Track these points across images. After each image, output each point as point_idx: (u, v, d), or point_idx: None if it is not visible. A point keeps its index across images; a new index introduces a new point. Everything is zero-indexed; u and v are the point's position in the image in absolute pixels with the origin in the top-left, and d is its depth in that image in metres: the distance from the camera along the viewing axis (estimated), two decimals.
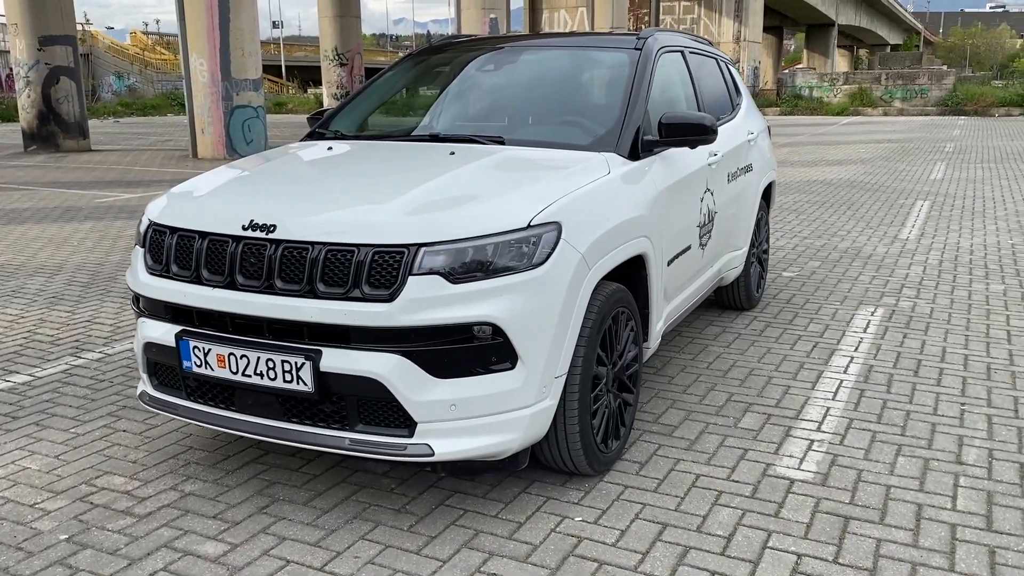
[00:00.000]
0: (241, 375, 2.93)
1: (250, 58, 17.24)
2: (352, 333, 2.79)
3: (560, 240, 2.93)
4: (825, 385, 4.40)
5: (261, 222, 2.92)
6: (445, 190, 3.08)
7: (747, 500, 3.21)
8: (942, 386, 4.37)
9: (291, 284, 2.85)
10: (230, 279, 2.95)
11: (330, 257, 2.82)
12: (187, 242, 3.07)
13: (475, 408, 2.83)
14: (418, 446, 2.83)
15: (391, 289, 2.76)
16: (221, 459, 3.59)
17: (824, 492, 3.26)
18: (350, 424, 2.89)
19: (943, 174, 14.01)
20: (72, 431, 3.90)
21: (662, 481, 3.36)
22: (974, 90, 34.57)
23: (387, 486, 3.34)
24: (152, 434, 3.86)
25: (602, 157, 3.50)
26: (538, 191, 3.08)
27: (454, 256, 2.78)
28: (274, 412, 2.98)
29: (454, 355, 2.79)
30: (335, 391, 2.85)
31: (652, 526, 3.03)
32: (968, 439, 3.73)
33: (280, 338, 2.88)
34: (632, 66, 4.04)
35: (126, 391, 4.39)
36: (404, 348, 2.77)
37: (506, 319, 2.79)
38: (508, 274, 2.82)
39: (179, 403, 3.19)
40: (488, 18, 25.44)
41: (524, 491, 3.28)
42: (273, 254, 2.88)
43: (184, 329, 3.05)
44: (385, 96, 4.52)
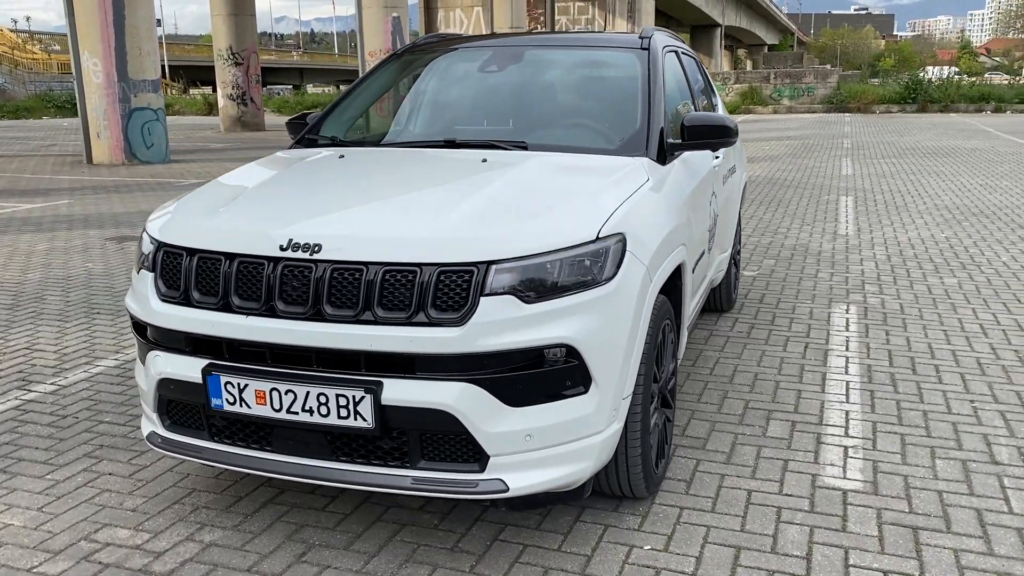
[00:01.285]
0: (286, 412, 2.62)
1: (148, 57, 16.36)
2: (418, 361, 2.53)
3: (626, 252, 2.75)
4: (834, 388, 4.36)
5: (303, 241, 2.62)
6: (499, 202, 2.84)
7: (809, 515, 3.10)
8: (945, 383, 4.40)
9: (343, 309, 2.57)
10: (268, 306, 2.64)
11: (389, 278, 2.54)
12: (211, 265, 2.74)
13: (550, 437, 2.61)
14: (491, 482, 2.59)
15: (461, 312, 2.51)
16: (233, 501, 3.25)
17: (880, 502, 3.19)
18: (411, 461, 2.63)
19: (852, 170, 14.51)
20: (49, 478, 3.46)
21: (716, 499, 3.22)
22: (856, 88, 36.23)
23: (429, 522, 3.08)
24: (144, 476, 3.47)
25: (639, 162, 3.34)
26: (595, 201, 2.89)
27: (526, 274, 2.55)
28: (321, 451, 2.69)
29: (529, 381, 2.57)
30: (397, 426, 2.58)
31: (725, 550, 2.88)
32: (993, 437, 3.74)
33: (332, 369, 2.59)
34: (643, 66, 3.89)
35: (97, 427, 3.96)
36: (476, 376, 2.52)
37: (581, 340, 2.58)
38: (580, 291, 2.61)
39: (202, 445, 2.84)
40: (391, 17, 25.01)
41: (578, 519, 3.08)
42: (321, 277, 2.58)
43: (212, 363, 2.71)
44: (376, 99, 4.22)
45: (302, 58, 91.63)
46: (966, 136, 21.85)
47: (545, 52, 4.24)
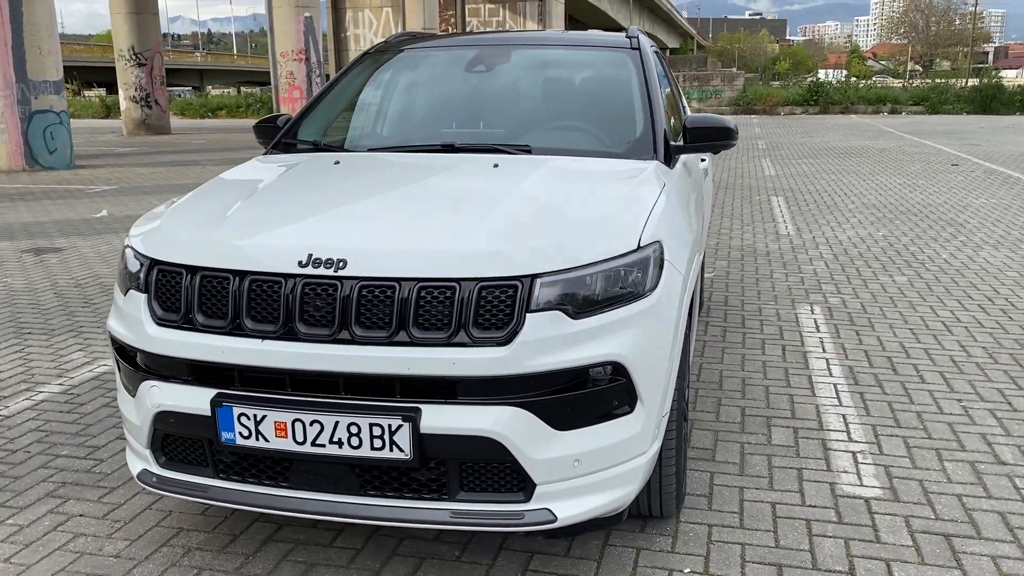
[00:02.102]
0: (310, 445, 2.38)
1: (49, 57, 15.48)
2: (460, 385, 2.32)
3: (664, 261, 2.61)
4: (823, 391, 4.33)
5: (325, 256, 2.38)
6: (529, 212, 2.65)
7: (840, 527, 3.02)
8: (928, 383, 4.42)
9: (374, 330, 2.34)
10: (287, 328, 2.39)
11: (425, 295, 2.33)
12: (218, 284, 2.46)
13: (598, 461, 2.45)
14: (537, 512, 2.40)
15: (506, 330, 2.32)
16: (228, 540, 2.97)
17: (905, 509, 3.14)
18: (450, 493, 2.41)
19: (774, 170, 14.81)
20: (11, 523, 3.10)
21: (741, 514, 3.11)
22: (762, 90, 37.28)
23: (450, 553, 2.87)
24: (121, 516, 3.15)
25: (650, 166, 3.20)
26: (627, 208, 2.73)
27: (572, 287, 2.38)
28: (347, 486, 2.45)
29: (577, 402, 2.39)
30: (436, 455, 2.36)
31: (767, 569, 2.77)
32: (991, 437, 3.75)
33: (363, 397, 2.36)
34: (638, 66, 3.77)
35: (54, 462, 3.59)
36: (523, 399, 2.33)
37: (629, 356, 2.42)
38: (626, 304, 2.45)
39: (207, 483, 2.56)
40: (303, 17, 24.39)
41: (607, 543, 2.92)
42: (347, 295, 2.35)
43: (222, 393, 2.44)
44: (354, 101, 3.97)
45: (206, 59, 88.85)
46: (871, 136, 22.67)
47: (532, 52, 4.07)
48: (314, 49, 24.77)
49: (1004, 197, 11.13)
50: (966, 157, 16.50)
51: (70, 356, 5.00)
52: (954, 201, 10.84)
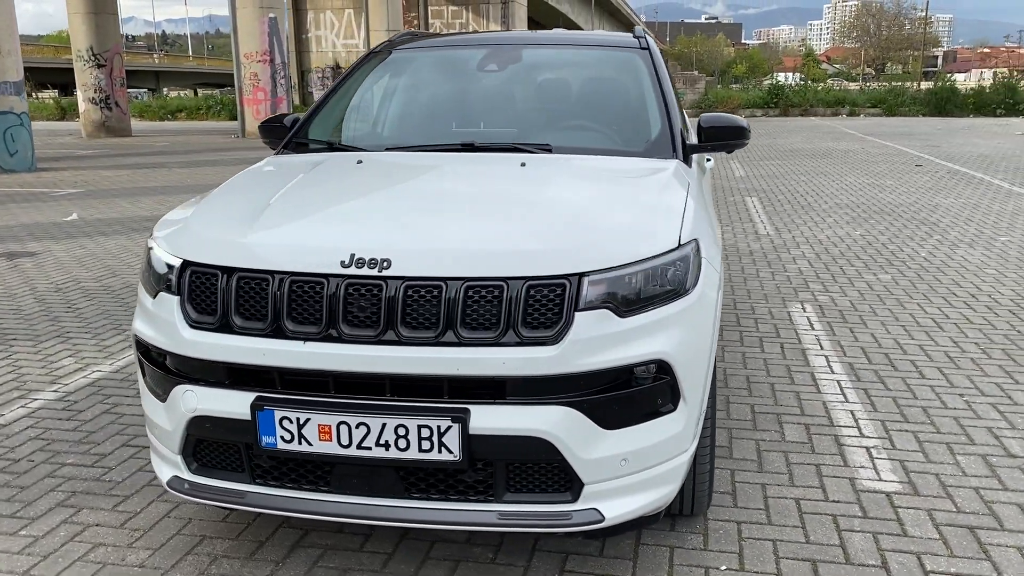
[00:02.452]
0: (356, 448, 2.34)
1: (9, 57, 15.13)
2: (510, 385, 2.30)
3: (702, 259, 2.61)
4: (828, 388, 4.37)
5: (368, 256, 2.34)
6: (568, 210, 2.64)
7: (866, 521, 3.05)
8: (928, 379, 4.49)
9: (421, 331, 2.31)
10: (329, 329, 2.34)
11: (472, 295, 2.30)
12: (256, 285, 2.41)
13: (644, 460, 2.44)
14: (585, 512, 2.39)
15: (555, 329, 2.30)
16: (254, 547, 2.91)
17: (926, 503, 3.18)
18: (496, 494, 2.39)
19: (744, 171, 14.97)
20: (24, 534, 3.01)
21: (767, 511, 3.13)
22: (723, 93, 37.69)
23: (483, 556, 2.84)
24: (139, 524, 3.07)
25: (672, 165, 3.21)
26: (662, 205, 2.73)
27: (619, 285, 2.37)
28: (391, 489, 2.41)
29: (624, 401, 2.38)
30: (483, 456, 2.34)
31: (802, 565, 2.79)
32: (997, 431, 3.82)
33: (410, 398, 2.32)
34: (649, 66, 3.78)
35: (61, 471, 3.49)
36: (572, 398, 2.32)
37: (675, 354, 2.42)
38: (669, 302, 2.45)
39: (244, 489, 2.50)
40: (267, 18, 24.12)
41: (640, 543, 2.92)
42: (393, 296, 2.31)
43: (262, 396, 2.38)
44: (363, 101, 3.92)
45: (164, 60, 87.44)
46: (834, 138, 23.02)
47: (543, 51, 4.06)
48: (279, 50, 24.50)
49: (971, 197, 11.37)
50: (928, 158, 16.84)
51: (61, 362, 4.87)
52: (924, 201, 11.05)
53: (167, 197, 12.09)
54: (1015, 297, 6.14)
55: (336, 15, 42.21)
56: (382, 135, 3.72)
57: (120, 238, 8.91)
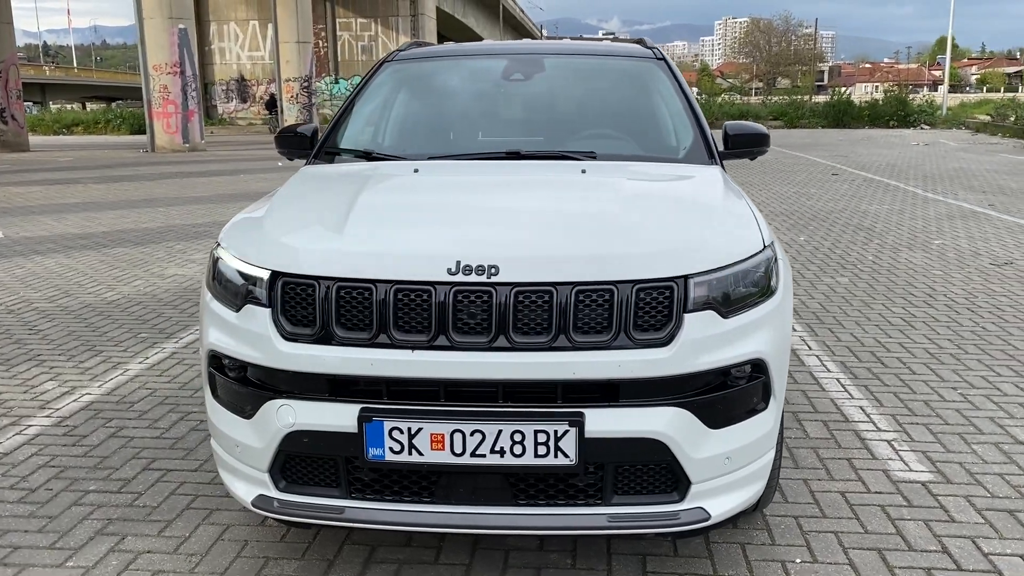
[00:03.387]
0: (470, 456, 2.31)
1: None
2: (623, 387, 2.32)
3: (779, 261, 2.69)
4: (830, 386, 4.54)
5: (475, 264, 2.32)
6: (653, 214, 2.68)
7: (913, 510, 3.18)
8: (918, 374, 4.71)
9: (532, 336, 2.30)
10: (438, 337, 2.31)
11: (583, 299, 2.31)
12: (359, 295, 2.35)
13: (744, 457, 2.49)
14: (692, 511, 2.42)
15: (666, 331, 2.34)
16: (324, 567, 2.82)
17: (962, 490, 3.34)
18: (605, 498, 2.40)
19: None
20: (71, 566, 2.84)
21: (818, 505, 3.23)
22: None
23: (562, 562, 2.84)
24: (193, 548, 2.94)
25: (717, 171, 3.30)
26: (738, 209, 2.81)
27: (720, 287, 2.42)
28: (499, 497, 2.39)
29: (728, 400, 2.43)
30: (596, 460, 2.35)
31: (869, 554, 2.89)
32: (1000, 420, 4.04)
33: (525, 404, 2.31)
34: (669, 75, 3.87)
35: (86, 498, 3.31)
36: (682, 399, 2.36)
37: (769, 352, 2.49)
38: (761, 302, 2.52)
39: (342, 505, 2.43)
40: (177, 28, 23.48)
41: (711, 542, 2.96)
42: (504, 302, 2.30)
43: (368, 407, 2.33)
44: (387, 110, 3.87)
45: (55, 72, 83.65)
46: None
47: (563, 59, 4.10)
48: (189, 62, 23.86)
49: (893, 203, 11.96)
50: (841, 167, 17.62)
51: (42, 386, 4.62)
52: (852, 207, 11.56)
53: (93, 214, 11.60)
54: (968, 296, 6.49)
55: (240, 27, 41.37)
56: (419, 144, 3.67)
57: (58, 256, 8.50)
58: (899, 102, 35.41)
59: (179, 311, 6.24)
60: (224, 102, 41.87)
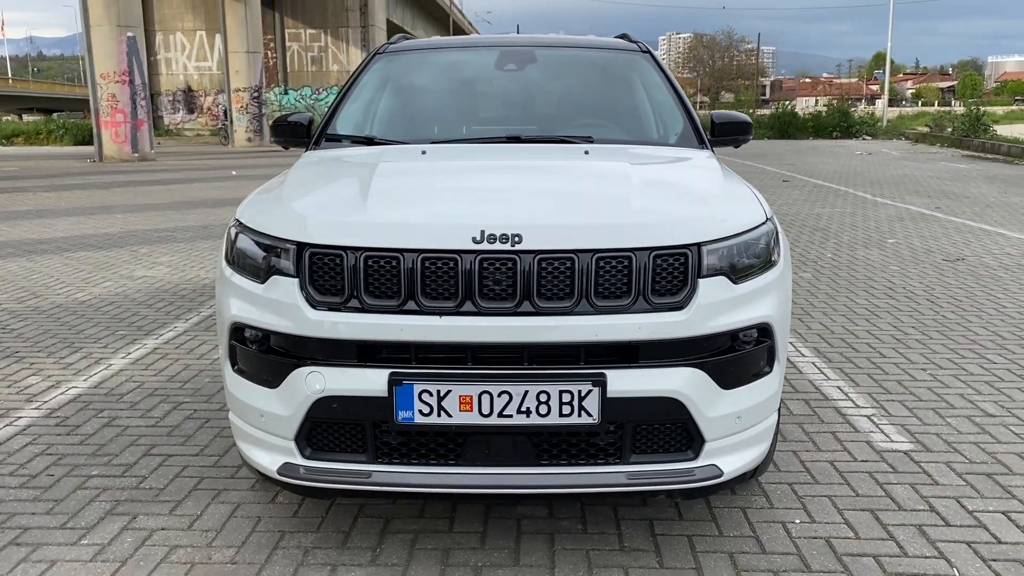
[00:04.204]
0: (497, 417, 2.39)
1: None
2: (642, 349, 2.43)
3: (779, 234, 2.84)
4: (806, 368, 4.71)
5: (499, 232, 2.41)
6: (662, 188, 2.81)
7: (899, 475, 3.35)
8: (887, 357, 4.92)
9: (556, 301, 2.40)
10: (464, 303, 2.40)
11: (603, 266, 2.42)
12: (387, 264, 2.42)
13: (752, 418, 2.62)
14: (706, 468, 2.54)
15: (682, 295, 2.46)
16: (342, 538, 2.88)
17: (942, 457, 3.51)
18: (623, 456, 2.50)
19: None
20: (87, 543, 2.85)
21: (810, 473, 3.37)
22: None
23: (574, 528, 2.93)
24: (208, 525, 2.97)
25: (708, 154, 3.44)
26: (732, 186, 2.95)
27: (730, 255, 2.55)
28: (524, 457, 2.48)
29: (738, 362, 2.56)
30: (616, 419, 2.45)
31: (863, 515, 3.03)
32: (969, 395, 4.25)
33: (550, 366, 2.41)
34: (655, 66, 4.02)
35: (90, 482, 3.31)
36: (698, 359, 2.48)
37: (775, 317, 2.63)
38: (767, 271, 2.66)
39: (368, 469, 2.49)
40: (125, 36, 23.12)
41: (713, 507, 3.09)
42: (528, 269, 2.39)
43: (398, 371, 2.40)
44: (381, 99, 3.94)
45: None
46: None
47: (554, 51, 4.22)
48: (138, 71, 23.51)
49: (844, 207, 12.33)
50: (791, 175, 18.07)
51: (26, 381, 4.57)
52: (806, 211, 11.90)
53: (48, 220, 11.39)
54: (926, 289, 6.76)
55: (187, 37, 40.87)
56: (419, 131, 3.75)
57: (20, 260, 8.35)
58: (842, 114, 36.36)
59: (155, 310, 6.19)
60: (171, 113, 41.24)
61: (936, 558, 2.75)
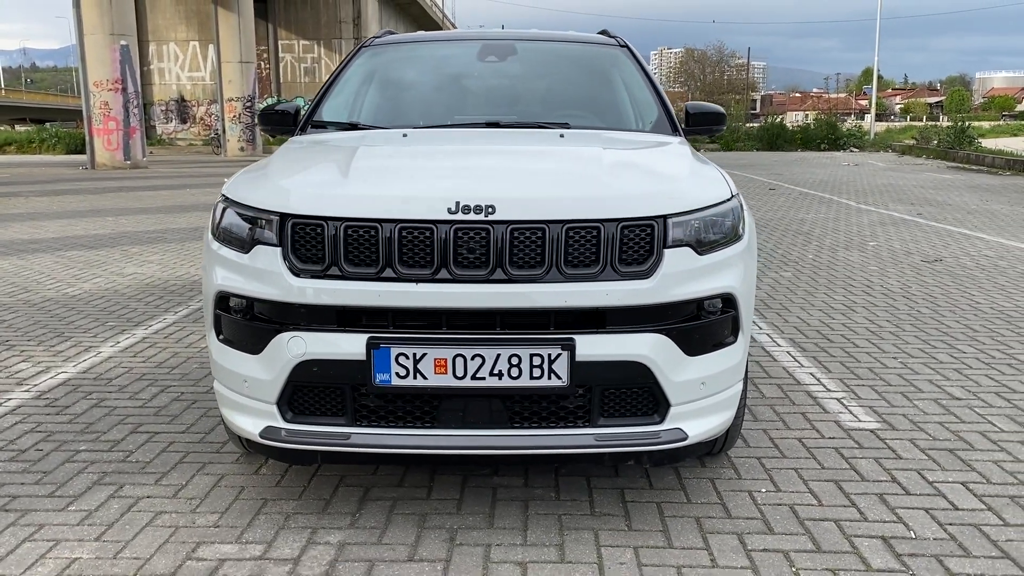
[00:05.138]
0: (471, 379, 2.50)
1: None
2: (610, 315, 2.54)
3: (744, 210, 2.96)
4: (781, 356, 4.83)
5: (473, 203, 2.52)
6: (631, 165, 2.93)
7: (864, 450, 3.46)
8: (860, 347, 5.04)
9: (527, 269, 2.51)
10: (440, 271, 2.51)
11: (573, 235, 2.53)
12: (365, 233, 2.53)
13: (716, 384, 2.74)
14: (671, 431, 2.65)
15: (647, 264, 2.57)
16: (323, 504, 2.97)
17: (907, 435, 3.63)
18: (592, 419, 2.61)
19: None
20: (74, 509, 2.94)
21: (778, 448, 3.48)
22: None
23: (547, 495, 3.03)
24: (193, 494, 3.06)
25: (680, 139, 3.57)
26: (699, 165, 3.07)
27: (695, 227, 2.67)
28: (496, 420, 2.59)
29: (702, 330, 2.68)
30: (585, 382, 2.56)
31: (828, 485, 3.14)
32: (938, 381, 4.37)
33: (520, 331, 2.52)
34: (632, 59, 4.15)
35: (78, 456, 3.40)
36: (663, 326, 2.59)
37: (739, 288, 2.75)
38: (731, 244, 2.78)
39: (348, 431, 2.60)
40: (119, 45, 23.25)
41: (682, 478, 3.19)
42: (500, 238, 2.51)
43: (377, 335, 2.51)
44: (367, 88, 4.06)
45: None
46: None
47: (534, 44, 4.35)
48: (131, 79, 23.63)
49: (827, 212, 12.50)
50: (778, 183, 18.27)
51: (16, 367, 4.66)
52: (790, 216, 12.06)
53: (40, 223, 11.47)
54: (903, 287, 6.90)
55: (180, 47, 41.05)
56: (402, 117, 3.87)
57: (11, 258, 8.43)
58: (830, 126, 36.74)
59: (144, 303, 6.28)
60: (163, 123, 41.34)
61: (895, 523, 2.86)
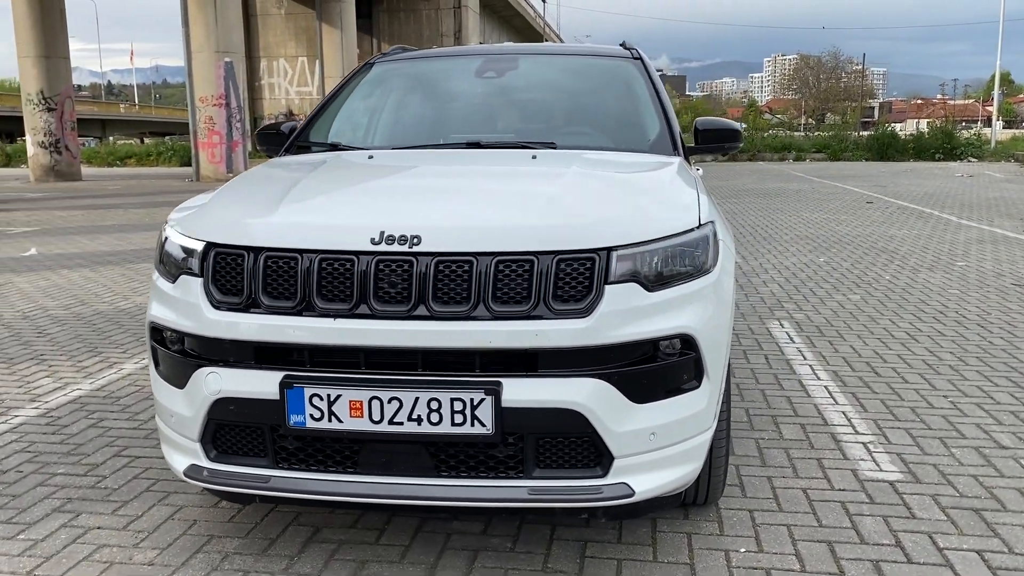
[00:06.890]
0: (388, 424, 2.32)
1: None
2: (542, 357, 2.31)
3: (719, 240, 2.67)
4: (816, 392, 4.45)
5: (398, 234, 2.34)
6: (587, 191, 2.69)
7: (874, 506, 3.10)
8: (910, 383, 4.60)
9: (452, 306, 2.31)
10: (360, 306, 2.34)
11: (503, 269, 2.32)
12: (284, 264, 2.39)
13: (671, 435, 2.46)
14: (616, 486, 2.39)
15: (586, 302, 2.33)
16: (266, 544, 2.84)
17: (929, 489, 3.24)
18: (526, 470, 2.38)
19: None
20: (23, 538, 2.90)
21: (777, 499, 3.16)
22: None
23: (502, 545, 2.82)
24: (142, 527, 2.98)
25: (677, 161, 3.29)
26: (679, 190, 2.80)
27: (645, 260, 2.41)
28: (421, 467, 2.39)
29: (653, 374, 2.41)
30: (515, 430, 2.34)
31: (819, 546, 2.81)
32: (986, 426, 3.92)
33: (443, 372, 2.32)
34: (644, 73, 3.89)
35: (53, 480, 3.38)
36: (603, 370, 2.34)
37: (700, 329, 2.46)
38: (692, 279, 2.50)
39: (268, 474, 2.45)
40: (223, 62, 24.11)
41: (657, 531, 2.92)
42: (424, 271, 2.32)
43: (291, 375, 2.36)
44: (361, 107, 3.95)
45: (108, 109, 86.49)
46: (784, 180, 23.63)
47: (538, 59, 4.15)
48: (235, 94, 24.46)
49: (923, 229, 11.73)
50: (877, 196, 17.35)
51: (38, 382, 4.74)
52: (879, 232, 11.37)
53: (126, 235, 11.92)
54: (981, 313, 6.33)
55: (289, 63, 42.43)
56: (387, 137, 3.74)
57: (84, 270, 8.74)
58: (945, 135, 34.70)
59: None
60: None
61: None
